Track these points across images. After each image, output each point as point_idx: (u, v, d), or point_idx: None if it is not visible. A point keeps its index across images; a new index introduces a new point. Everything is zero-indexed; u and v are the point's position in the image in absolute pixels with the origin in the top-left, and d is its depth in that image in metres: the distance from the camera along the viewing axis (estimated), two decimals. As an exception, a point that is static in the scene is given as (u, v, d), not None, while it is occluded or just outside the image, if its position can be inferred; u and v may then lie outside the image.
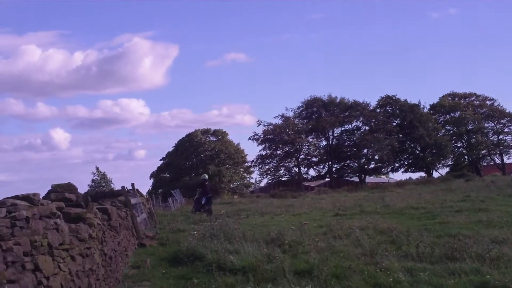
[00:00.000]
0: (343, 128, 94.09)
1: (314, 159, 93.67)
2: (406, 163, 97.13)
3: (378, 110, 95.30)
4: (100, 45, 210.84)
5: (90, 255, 10.44)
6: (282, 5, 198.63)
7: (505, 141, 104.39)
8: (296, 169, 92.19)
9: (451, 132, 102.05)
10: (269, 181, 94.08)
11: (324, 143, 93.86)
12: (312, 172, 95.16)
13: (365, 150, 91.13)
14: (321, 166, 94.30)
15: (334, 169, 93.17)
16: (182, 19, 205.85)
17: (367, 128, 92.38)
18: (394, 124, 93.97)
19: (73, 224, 10.21)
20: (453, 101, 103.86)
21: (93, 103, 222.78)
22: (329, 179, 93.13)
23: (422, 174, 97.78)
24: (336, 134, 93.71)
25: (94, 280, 10.48)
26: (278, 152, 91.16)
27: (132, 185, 24.76)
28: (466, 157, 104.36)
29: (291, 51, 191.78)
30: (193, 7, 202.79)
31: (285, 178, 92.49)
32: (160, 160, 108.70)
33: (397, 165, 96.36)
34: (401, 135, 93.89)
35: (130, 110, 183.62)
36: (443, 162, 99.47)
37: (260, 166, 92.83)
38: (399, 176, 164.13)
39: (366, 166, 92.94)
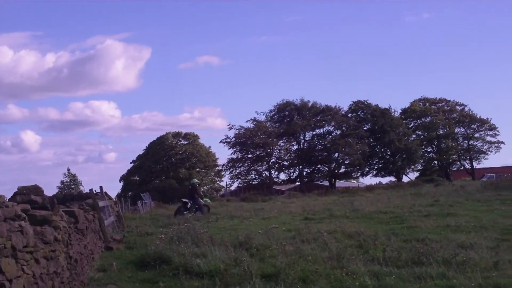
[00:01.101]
0: (314, 132, 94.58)
1: (285, 163, 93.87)
2: (376, 167, 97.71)
3: (349, 115, 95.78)
4: (72, 46, 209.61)
5: (55, 258, 10.37)
6: (255, 9, 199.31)
7: (475, 146, 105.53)
8: (267, 173, 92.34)
9: (422, 137, 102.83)
10: (240, 185, 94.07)
11: (295, 147, 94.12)
12: (282, 176, 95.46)
13: (336, 155, 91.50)
14: (292, 170, 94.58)
15: (304, 173, 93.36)
16: (155, 22, 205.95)
17: (338, 132, 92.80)
18: (365, 128, 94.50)
19: (39, 226, 10.13)
20: (424, 106, 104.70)
21: (65, 105, 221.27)
22: (299, 183, 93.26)
23: (392, 178, 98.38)
24: (307, 138, 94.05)
25: (59, 283, 10.40)
26: (249, 155, 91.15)
27: (101, 188, 24.69)
28: (436, 162, 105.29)
29: (264, 54, 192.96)
30: (166, 10, 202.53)
31: (256, 182, 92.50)
32: (131, 163, 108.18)
33: (367, 169, 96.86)
34: (371, 140, 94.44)
35: (101, 112, 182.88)
36: (413, 166, 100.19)
37: (231, 169, 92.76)
38: (369, 180, 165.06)
39: (336, 171, 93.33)
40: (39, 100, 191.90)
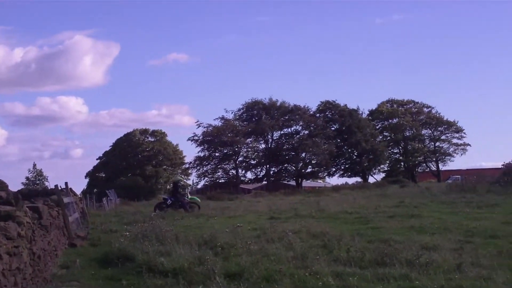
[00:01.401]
0: (282, 132, 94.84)
1: (252, 161, 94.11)
2: (342, 167, 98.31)
3: (318, 115, 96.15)
4: (40, 42, 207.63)
5: (18, 254, 10.28)
6: (225, 8, 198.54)
7: (442, 148, 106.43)
8: (234, 172, 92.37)
9: (388, 138, 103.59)
10: (207, 183, 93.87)
11: (263, 146, 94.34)
12: (249, 175, 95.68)
13: (303, 154, 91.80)
14: (259, 169, 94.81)
15: (271, 172, 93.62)
16: (124, 18, 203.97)
17: (306, 132, 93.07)
18: (333, 128, 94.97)
19: (2, 222, 10.05)
20: (392, 107, 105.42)
21: (32, 100, 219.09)
22: (266, 182, 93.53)
23: (358, 179, 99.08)
24: (275, 138, 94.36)
25: (21, 279, 10.33)
26: (217, 154, 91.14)
27: (66, 184, 24.47)
28: (402, 163, 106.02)
29: (233, 53, 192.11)
30: (136, 6, 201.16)
31: (223, 180, 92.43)
32: (97, 159, 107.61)
33: (333, 169, 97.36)
34: (339, 140, 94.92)
35: (68, 108, 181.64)
36: (379, 167, 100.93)
37: (198, 167, 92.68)
38: (335, 180, 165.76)
39: (303, 170, 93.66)
40: (6, 95, 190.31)
